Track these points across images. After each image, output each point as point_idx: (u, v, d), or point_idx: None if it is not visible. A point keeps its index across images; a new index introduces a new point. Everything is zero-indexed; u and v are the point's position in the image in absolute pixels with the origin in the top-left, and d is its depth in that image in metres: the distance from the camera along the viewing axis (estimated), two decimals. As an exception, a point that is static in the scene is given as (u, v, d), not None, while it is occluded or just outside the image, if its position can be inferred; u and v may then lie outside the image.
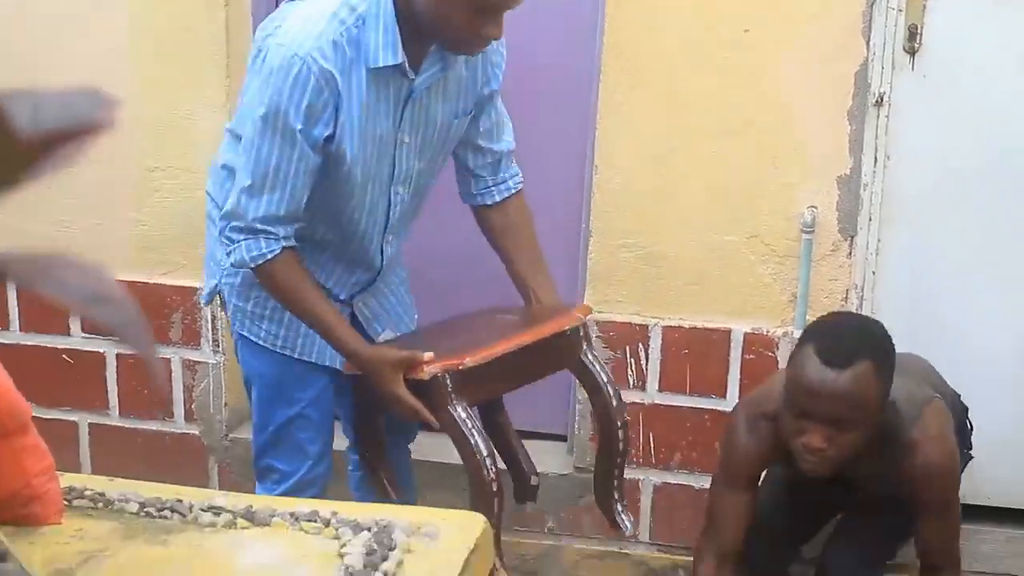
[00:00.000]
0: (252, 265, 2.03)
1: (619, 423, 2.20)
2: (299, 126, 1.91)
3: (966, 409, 2.50)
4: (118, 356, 3.04)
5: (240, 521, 1.32)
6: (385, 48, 1.92)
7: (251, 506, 1.33)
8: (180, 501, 1.35)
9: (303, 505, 1.39)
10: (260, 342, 2.20)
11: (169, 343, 2.99)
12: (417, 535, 1.26)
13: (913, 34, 2.59)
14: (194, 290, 2.92)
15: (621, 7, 2.67)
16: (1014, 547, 2.79)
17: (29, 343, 3.05)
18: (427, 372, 1.98)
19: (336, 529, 1.30)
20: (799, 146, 2.67)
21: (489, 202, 2.26)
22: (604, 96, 2.72)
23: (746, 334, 2.75)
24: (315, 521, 1.33)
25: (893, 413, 2.14)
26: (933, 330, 2.66)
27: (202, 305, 2.81)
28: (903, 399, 2.16)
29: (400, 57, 1.94)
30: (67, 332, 3.03)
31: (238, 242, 2.01)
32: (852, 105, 2.64)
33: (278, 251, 2.01)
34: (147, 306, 2.95)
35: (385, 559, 1.17)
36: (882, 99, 2.62)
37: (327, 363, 2.19)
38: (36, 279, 0.52)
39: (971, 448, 2.51)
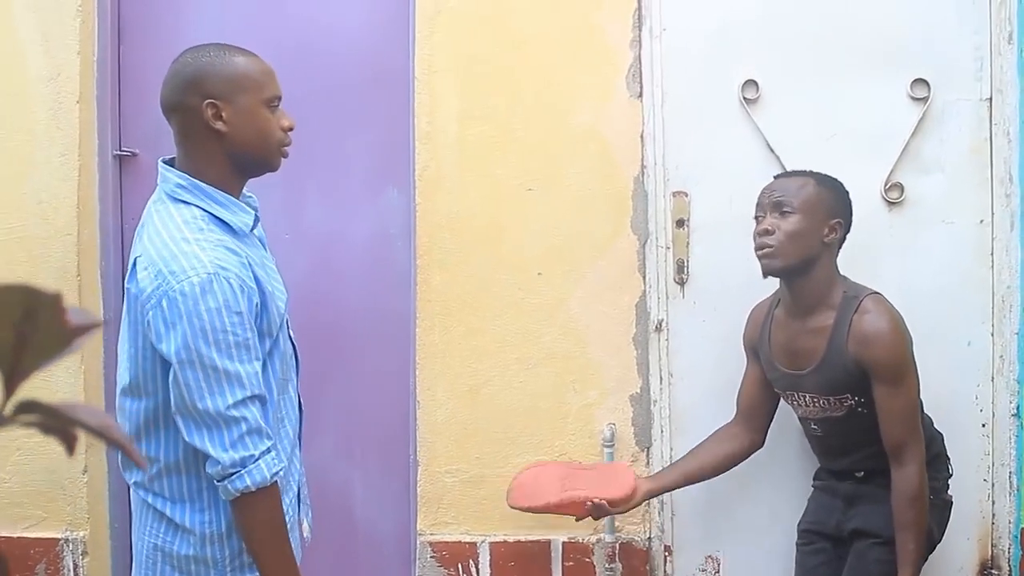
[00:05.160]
0: (270, 483, 1.92)
1: None
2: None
3: (943, 441, 2.76)
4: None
5: None
6: (235, 213, 2.01)
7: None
8: None
9: None
10: None
11: (33, 595, 3.16)
12: None
13: (681, 267, 2.98)
14: (55, 541, 3.11)
15: (429, 255, 3.02)
16: None
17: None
18: None
19: None
20: (594, 371, 3.00)
21: None
22: (421, 337, 3.04)
23: (564, 543, 3.01)
24: None
25: (848, 285, 2.61)
26: (725, 531, 2.93)
27: None
28: (853, 284, 2.62)
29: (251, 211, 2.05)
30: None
31: (260, 457, 1.91)
32: (636, 332, 2.99)
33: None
34: (12, 559, 3.12)
35: None
36: (661, 325, 2.98)
37: None
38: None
39: (948, 490, 2.74)
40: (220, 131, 1.99)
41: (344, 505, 3.15)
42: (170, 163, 2.06)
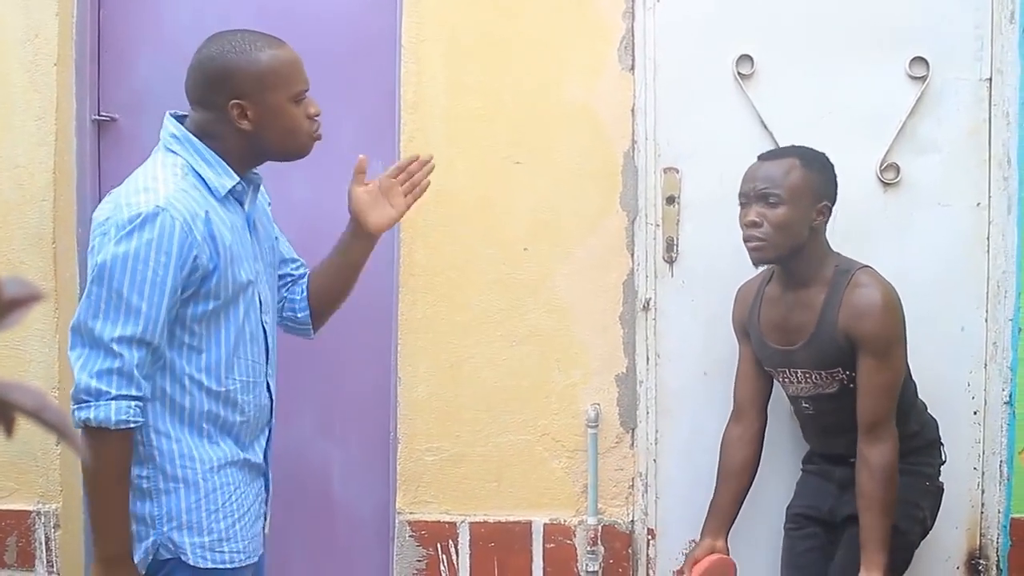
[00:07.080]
0: (113, 428, 1.84)
1: None
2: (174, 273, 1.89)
3: (938, 428, 2.72)
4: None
5: None
6: (219, 174, 1.99)
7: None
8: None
9: None
10: (228, 565, 2.01)
11: (4, 567, 3.09)
12: None
13: (670, 245, 2.91)
14: (27, 513, 3.05)
15: (413, 229, 2.95)
16: None
17: None
18: None
19: None
20: (580, 349, 2.94)
21: (301, 315, 2.32)
22: (403, 312, 2.98)
23: (545, 525, 2.95)
24: None
25: (840, 259, 2.55)
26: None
27: None
28: (845, 259, 2.56)
29: (236, 177, 2.00)
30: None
31: (115, 399, 1.84)
32: (623, 310, 2.93)
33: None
34: (-18, 531, 3.07)
35: None
36: (648, 304, 2.91)
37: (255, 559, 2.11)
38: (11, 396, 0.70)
39: (940, 476, 2.69)
40: (246, 130, 2.00)
41: (322, 483, 3.09)
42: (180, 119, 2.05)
